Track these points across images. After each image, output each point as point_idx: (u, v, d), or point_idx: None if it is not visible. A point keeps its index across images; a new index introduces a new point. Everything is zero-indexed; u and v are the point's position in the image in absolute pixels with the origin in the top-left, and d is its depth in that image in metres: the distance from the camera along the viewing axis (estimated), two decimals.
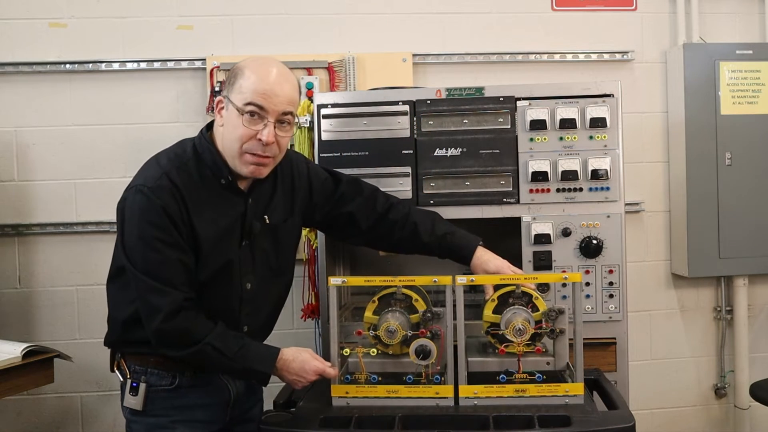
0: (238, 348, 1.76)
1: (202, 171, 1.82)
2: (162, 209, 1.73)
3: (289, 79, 1.80)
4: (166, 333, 1.74)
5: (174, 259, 1.74)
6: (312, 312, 2.81)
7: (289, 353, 1.81)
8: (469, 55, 3.11)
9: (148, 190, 1.74)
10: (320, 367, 1.80)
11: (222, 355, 1.74)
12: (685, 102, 3.06)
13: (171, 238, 1.74)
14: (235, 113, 1.76)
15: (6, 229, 3.00)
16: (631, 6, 3.19)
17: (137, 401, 1.84)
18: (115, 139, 3.03)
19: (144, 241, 1.73)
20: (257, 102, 1.74)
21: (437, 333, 1.84)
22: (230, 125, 1.78)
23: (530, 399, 1.79)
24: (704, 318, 3.26)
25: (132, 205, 1.76)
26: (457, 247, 2.02)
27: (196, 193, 1.79)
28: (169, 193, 1.74)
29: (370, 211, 2.07)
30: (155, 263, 1.73)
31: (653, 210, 3.22)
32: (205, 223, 1.79)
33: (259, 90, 1.74)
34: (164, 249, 1.73)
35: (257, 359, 1.79)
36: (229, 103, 1.78)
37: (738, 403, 3.22)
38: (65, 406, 3.05)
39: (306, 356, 1.81)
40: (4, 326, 2.94)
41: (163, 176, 1.76)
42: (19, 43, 3.00)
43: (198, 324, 1.75)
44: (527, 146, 2.32)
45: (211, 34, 3.05)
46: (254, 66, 1.77)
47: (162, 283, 1.72)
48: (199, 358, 1.77)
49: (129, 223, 1.76)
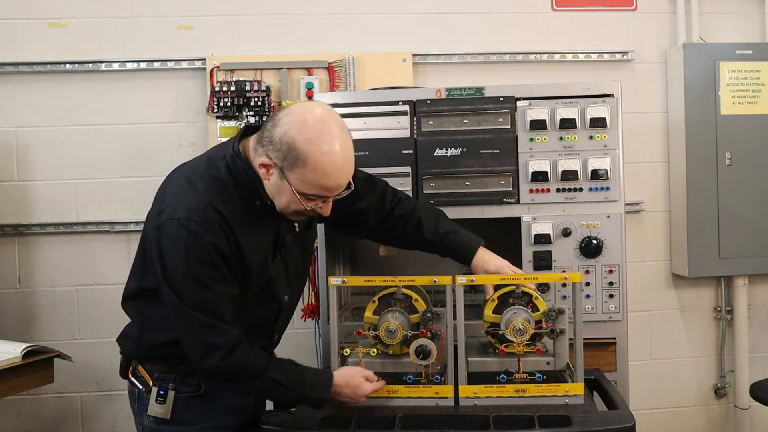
0: (295, 377, 1.75)
1: (239, 193, 1.73)
2: (212, 246, 1.64)
3: (350, 158, 1.70)
4: (224, 370, 1.68)
5: (225, 295, 1.68)
6: (312, 312, 2.82)
7: (340, 379, 1.78)
8: (469, 55, 3.11)
9: (195, 225, 1.63)
10: (370, 390, 1.80)
11: (281, 386, 1.73)
12: (685, 102, 3.06)
13: (221, 274, 1.67)
14: (291, 191, 1.67)
15: (6, 229, 3.00)
16: (631, 6, 3.19)
17: (165, 409, 1.79)
18: (115, 139, 3.03)
19: (193, 279, 1.65)
20: (322, 194, 1.69)
21: (437, 333, 1.84)
22: (284, 195, 1.70)
23: (530, 399, 1.79)
24: (704, 318, 3.26)
25: (176, 239, 1.64)
26: (459, 246, 2.02)
27: (239, 219, 1.71)
28: (218, 226, 1.66)
29: (379, 208, 2.06)
30: (206, 300, 1.66)
31: (653, 210, 3.22)
32: (251, 248, 1.73)
33: (326, 186, 1.67)
34: (215, 285, 1.66)
35: (313, 387, 1.77)
36: (284, 179, 1.66)
37: (738, 403, 3.22)
38: (65, 406, 3.05)
39: (357, 381, 1.79)
40: (4, 326, 2.94)
41: (208, 208, 1.66)
42: (19, 43, 3.00)
43: (253, 357, 1.71)
44: (527, 146, 2.32)
45: (211, 34, 3.05)
46: (319, 156, 1.63)
47: (216, 319, 1.66)
48: (258, 392, 1.79)
49: (172, 257, 1.66)
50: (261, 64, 2.98)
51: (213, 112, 2.96)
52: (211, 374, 1.72)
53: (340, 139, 1.66)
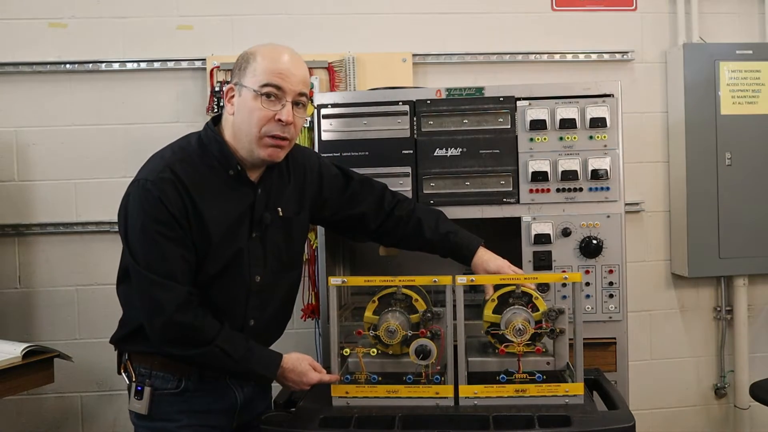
0: (243, 351, 1.75)
1: (208, 162, 1.80)
2: (163, 204, 1.70)
3: (301, 60, 1.82)
4: (171, 329, 1.70)
5: (176, 255, 1.71)
6: (312, 312, 2.82)
7: (289, 362, 1.80)
8: (469, 55, 3.11)
9: (150, 183, 1.71)
10: (316, 379, 1.81)
11: (228, 356, 1.73)
12: (685, 102, 3.06)
13: (173, 233, 1.71)
14: (250, 97, 1.75)
15: (6, 229, 3.00)
16: (631, 6, 3.19)
17: (142, 405, 1.81)
18: (115, 139, 3.03)
19: (146, 235, 1.70)
20: (274, 82, 1.74)
21: (437, 333, 1.84)
22: (245, 110, 1.76)
23: (530, 399, 1.78)
24: (704, 318, 3.26)
25: (134, 199, 1.73)
26: (459, 246, 2.02)
27: (202, 185, 1.76)
28: (171, 185, 1.72)
29: (379, 211, 2.07)
30: (157, 258, 1.70)
31: (653, 210, 3.22)
32: (214, 214, 1.76)
33: (275, 70, 1.74)
34: (166, 243, 1.70)
35: (261, 364, 1.78)
36: (242, 88, 1.76)
37: (738, 403, 3.22)
38: (65, 406, 3.05)
39: (304, 367, 1.81)
40: (4, 326, 2.94)
41: (165, 169, 1.73)
42: (19, 43, 3.00)
43: (205, 323, 1.72)
44: (527, 146, 2.32)
45: (211, 34, 3.05)
46: (265, 50, 1.79)
47: (164, 277, 1.70)
48: (204, 359, 1.76)
49: (131, 217, 1.73)
50: None
51: (213, 112, 2.96)
52: (159, 334, 1.72)
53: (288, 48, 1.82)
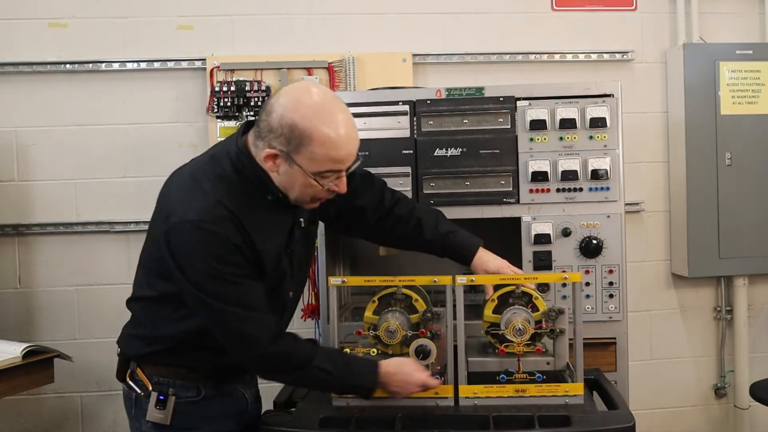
0: (342, 365, 1.73)
1: (248, 190, 1.69)
2: (230, 242, 1.62)
3: (354, 125, 1.68)
4: (269, 359, 1.68)
5: (254, 288, 1.67)
6: (312, 312, 2.81)
7: (391, 366, 1.76)
8: (469, 55, 3.11)
9: (208, 224, 1.60)
10: (423, 380, 1.76)
11: (328, 374, 1.70)
12: (685, 102, 3.06)
13: (244, 270, 1.65)
14: (302, 176, 1.64)
15: (6, 229, 3.00)
16: (631, 6, 3.18)
17: (165, 415, 1.74)
18: (115, 139, 3.03)
19: (218, 279, 1.62)
20: (334, 168, 1.65)
21: (437, 333, 1.84)
22: (297, 183, 1.67)
23: (530, 399, 1.79)
24: (704, 318, 3.26)
25: (191, 242, 1.61)
26: (459, 246, 2.02)
27: (249, 216, 1.67)
28: (230, 222, 1.63)
29: (378, 206, 2.05)
30: (237, 294, 1.64)
31: (653, 210, 3.22)
32: (264, 245, 1.70)
33: (335, 158, 1.63)
34: (241, 280, 1.64)
35: (360, 375, 1.75)
36: (293, 164, 1.63)
37: (738, 403, 3.22)
38: (65, 406, 3.05)
39: (409, 369, 1.77)
40: (4, 326, 2.94)
41: (218, 206, 1.62)
42: (19, 43, 3.00)
43: (299, 346, 1.70)
44: (527, 146, 2.32)
45: (211, 34, 3.05)
46: (324, 128, 1.60)
47: (249, 310, 1.65)
48: (305, 381, 1.76)
49: (191, 261, 1.62)
50: (261, 64, 2.98)
51: (213, 112, 2.96)
52: (255, 366, 1.72)
53: (339, 107, 1.65)
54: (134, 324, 1.85)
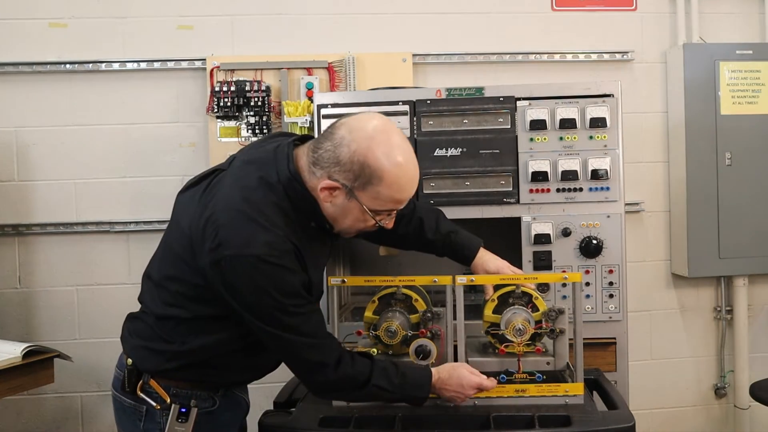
0: (397, 380, 1.73)
1: (298, 218, 1.67)
2: (296, 276, 1.62)
3: (417, 166, 1.69)
4: (334, 383, 1.69)
5: (316, 313, 1.68)
6: None
7: (444, 372, 1.77)
8: (469, 55, 3.11)
9: (275, 259, 1.57)
10: (478, 381, 1.76)
11: (386, 391, 1.72)
12: (685, 102, 3.06)
13: (304, 300, 1.65)
14: (360, 210, 1.65)
15: (6, 229, 3.00)
16: (631, 6, 3.19)
17: (186, 428, 1.70)
18: (115, 139, 3.03)
19: (285, 312, 1.61)
20: (394, 208, 1.69)
21: (437, 333, 1.84)
22: (349, 215, 1.67)
23: (530, 399, 1.79)
24: (704, 318, 3.26)
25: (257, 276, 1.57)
26: (460, 246, 2.02)
27: (304, 246, 1.65)
28: (294, 257, 1.62)
29: None
30: (304, 324, 1.65)
31: (653, 210, 3.22)
32: (314, 272, 1.72)
33: (400, 199, 1.67)
34: (304, 310, 1.65)
35: (415, 386, 1.75)
36: (353, 199, 1.63)
37: (738, 403, 3.22)
38: (65, 406, 3.05)
39: (463, 372, 1.77)
40: (4, 326, 2.94)
41: (285, 240, 1.60)
42: (19, 43, 3.00)
43: (357, 365, 1.71)
44: (527, 146, 2.32)
45: (211, 34, 3.05)
46: (394, 173, 1.60)
47: (315, 338, 1.66)
48: (365, 399, 1.77)
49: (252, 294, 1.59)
50: (261, 64, 2.98)
51: (213, 112, 2.96)
52: (322, 389, 1.75)
53: (407, 149, 1.65)
54: (149, 337, 1.76)
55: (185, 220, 1.69)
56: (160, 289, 1.75)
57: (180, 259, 1.69)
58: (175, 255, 1.71)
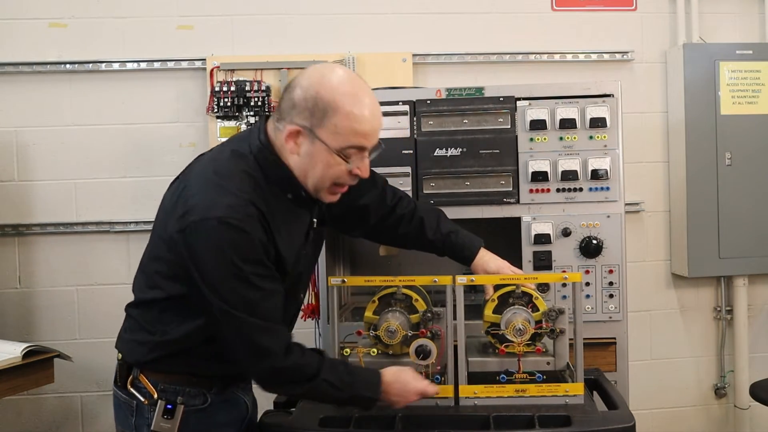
0: (346, 377, 1.69)
1: (272, 188, 1.65)
2: (258, 242, 1.57)
3: (378, 105, 1.65)
4: (279, 373, 1.64)
5: (273, 293, 1.62)
6: (312, 312, 2.81)
7: (389, 375, 1.73)
8: (469, 55, 3.11)
9: (237, 222, 1.54)
10: (422, 389, 1.73)
11: (334, 387, 1.67)
12: (685, 102, 3.06)
13: (267, 271, 1.60)
14: (326, 152, 1.60)
15: (6, 229, 3.00)
16: (631, 6, 3.19)
17: (172, 425, 1.66)
18: (115, 139, 3.03)
19: (240, 280, 1.56)
20: (358, 144, 1.61)
21: (437, 333, 1.84)
22: (319, 162, 1.61)
23: (530, 399, 1.79)
24: (704, 318, 3.26)
25: (216, 238, 1.54)
26: (460, 246, 2.01)
27: (274, 215, 1.63)
28: (258, 222, 1.57)
29: (380, 204, 2.03)
30: (256, 301, 1.58)
31: (653, 210, 3.22)
32: (285, 245, 1.66)
33: (360, 131, 1.60)
34: (263, 284, 1.59)
35: (365, 385, 1.71)
36: (316, 140, 1.58)
37: (738, 403, 3.22)
38: (65, 406, 3.06)
39: (406, 377, 1.73)
40: (4, 326, 2.94)
41: (248, 204, 1.57)
42: (19, 43, 3.00)
43: (307, 357, 1.66)
44: (527, 146, 2.32)
45: (211, 34, 3.05)
46: (347, 103, 1.58)
47: (267, 321, 1.60)
48: (311, 394, 1.72)
49: (213, 259, 1.55)
50: (261, 64, 2.98)
51: (213, 112, 2.96)
52: (266, 378, 1.67)
53: (364, 85, 1.63)
54: (135, 329, 1.76)
55: (166, 200, 1.72)
56: (143, 274, 1.77)
57: (158, 237, 1.70)
58: (156, 235, 1.72)
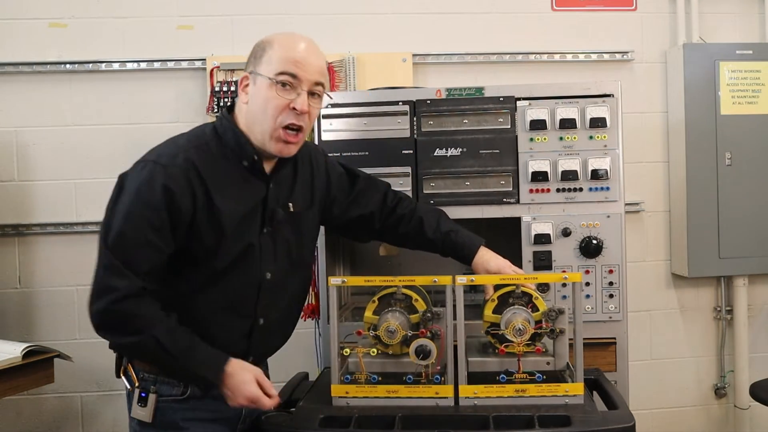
0: (185, 347, 1.65)
1: (224, 152, 1.74)
2: (166, 191, 1.63)
3: (318, 50, 1.76)
4: (109, 315, 1.63)
5: (151, 245, 1.64)
6: (312, 312, 2.81)
7: (233, 366, 1.68)
8: (469, 55, 3.11)
9: (159, 167, 1.65)
10: (255, 395, 1.67)
11: (163, 350, 1.63)
12: (685, 102, 3.06)
13: (159, 223, 1.64)
14: (265, 86, 1.70)
15: (6, 229, 3.00)
16: (631, 6, 3.19)
17: (146, 413, 1.72)
18: (115, 139, 3.03)
19: (130, 215, 1.64)
20: (290, 71, 1.69)
21: (437, 333, 1.84)
22: (260, 99, 1.71)
23: (530, 399, 1.78)
24: (704, 318, 3.26)
25: (137, 177, 1.66)
26: (460, 245, 2.02)
27: (217, 174, 1.71)
28: (183, 174, 1.66)
29: (383, 208, 2.06)
30: (127, 242, 1.63)
31: (653, 210, 3.22)
32: (227, 205, 1.71)
33: (292, 59, 1.70)
34: (145, 231, 1.63)
35: (204, 365, 1.67)
36: (257, 77, 1.72)
37: (738, 403, 3.22)
38: (65, 406, 3.06)
39: (247, 377, 1.68)
40: (4, 326, 2.94)
41: (179, 155, 1.68)
42: (19, 43, 3.00)
43: (147, 312, 1.63)
44: (527, 146, 2.32)
45: (211, 34, 3.05)
46: (282, 38, 1.74)
47: (124, 265, 1.63)
48: (137, 350, 1.69)
49: (126, 193, 1.67)
50: None
51: (213, 112, 2.96)
52: (96, 317, 1.65)
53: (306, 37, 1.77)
54: None
55: None
56: None
57: None
58: None
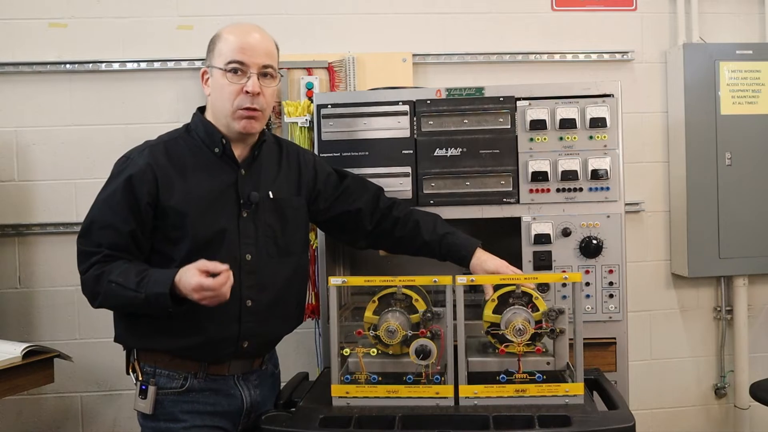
0: (139, 278, 1.73)
1: (193, 143, 1.92)
2: (127, 179, 1.83)
3: (263, 34, 1.92)
4: (84, 285, 1.83)
5: (110, 226, 1.82)
6: (312, 312, 2.81)
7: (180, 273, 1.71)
8: (469, 55, 3.11)
9: (126, 160, 1.89)
10: (197, 283, 1.66)
11: (125, 288, 1.73)
12: (685, 102, 3.06)
13: (119, 207, 1.83)
14: (219, 75, 1.88)
15: (6, 229, 3.00)
16: (631, 6, 3.19)
17: (146, 405, 1.83)
18: (115, 139, 3.02)
19: (96, 206, 1.88)
20: (237, 58, 1.86)
21: (437, 333, 1.84)
22: (217, 88, 1.89)
23: (530, 399, 1.78)
24: (704, 318, 3.26)
25: (113, 172, 1.91)
26: (457, 247, 2.02)
27: (183, 163, 1.87)
28: (145, 163, 1.85)
29: (374, 209, 2.08)
30: (94, 227, 1.84)
31: (653, 210, 3.22)
32: (193, 190, 1.84)
33: (237, 47, 1.86)
34: (106, 216, 1.84)
35: (158, 282, 1.72)
36: (212, 69, 1.91)
37: (738, 403, 3.22)
38: (65, 406, 3.05)
39: (189, 272, 1.69)
40: (4, 326, 2.94)
41: (146, 150, 1.89)
42: (19, 43, 3.00)
43: (107, 268, 1.78)
44: (527, 146, 2.32)
45: (211, 34, 3.02)
46: (228, 30, 1.91)
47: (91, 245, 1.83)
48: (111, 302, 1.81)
49: (104, 186, 1.92)
50: None
51: None
52: (83, 286, 1.85)
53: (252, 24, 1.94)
54: None
55: None
56: None
57: None
58: None
